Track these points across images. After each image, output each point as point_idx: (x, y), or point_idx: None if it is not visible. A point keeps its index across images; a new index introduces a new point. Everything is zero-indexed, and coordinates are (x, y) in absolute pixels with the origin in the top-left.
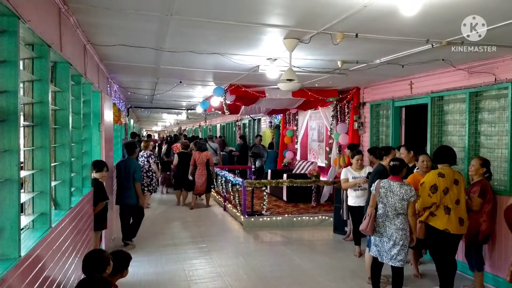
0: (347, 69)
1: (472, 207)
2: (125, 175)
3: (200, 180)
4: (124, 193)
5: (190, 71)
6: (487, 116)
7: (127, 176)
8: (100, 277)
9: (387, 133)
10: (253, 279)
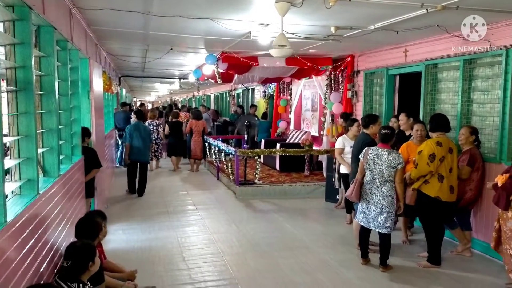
0: (341, 35)
1: (461, 175)
2: (145, 136)
3: (198, 147)
4: (145, 152)
5: (181, 38)
6: (480, 84)
7: (147, 138)
8: (84, 242)
9: (381, 102)
10: (244, 245)
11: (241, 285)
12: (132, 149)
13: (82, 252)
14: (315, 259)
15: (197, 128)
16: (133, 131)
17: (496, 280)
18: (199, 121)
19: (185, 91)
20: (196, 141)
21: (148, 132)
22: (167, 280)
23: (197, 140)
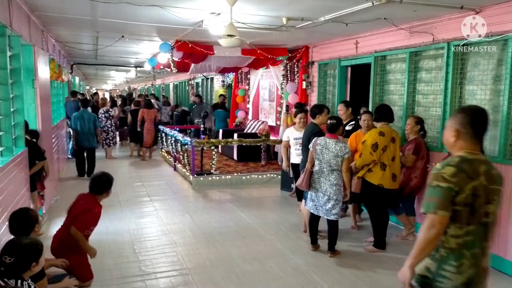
0: (293, 26)
1: (406, 163)
2: (90, 123)
3: (149, 135)
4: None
5: (132, 25)
6: (424, 75)
7: (91, 125)
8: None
9: (334, 92)
10: (198, 235)
11: (192, 276)
12: (77, 135)
13: (28, 251)
14: (266, 247)
15: (149, 117)
16: (77, 119)
17: None
18: (151, 110)
19: (143, 80)
20: (149, 129)
21: (92, 119)
22: (116, 273)
23: (149, 128)
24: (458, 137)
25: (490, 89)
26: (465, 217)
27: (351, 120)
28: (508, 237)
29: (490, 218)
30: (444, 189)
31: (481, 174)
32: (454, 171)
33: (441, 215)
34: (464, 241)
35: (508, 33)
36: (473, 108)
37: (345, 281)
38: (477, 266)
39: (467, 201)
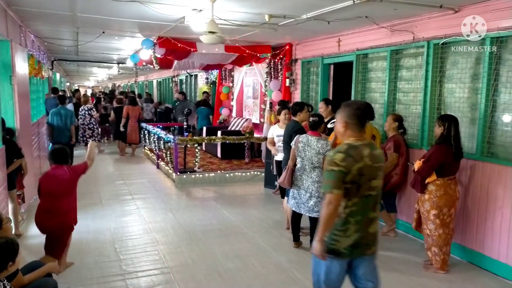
0: (276, 23)
1: (392, 162)
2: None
3: (134, 132)
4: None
5: (112, 21)
6: (405, 73)
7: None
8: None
9: (317, 90)
10: (180, 233)
11: (173, 274)
12: (54, 131)
13: (4, 250)
14: (249, 244)
15: (133, 114)
16: (54, 115)
17: (416, 258)
18: (135, 107)
19: (126, 76)
20: (133, 126)
21: (69, 115)
22: (97, 272)
23: (133, 125)
24: (347, 128)
25: (469, 87)
26: (353, 192)
27: (332, 118)
28: (485, 233)
29: (374, 191)
30: (337, 172)
31: (365, 157)
32: (343, 156)
33: (336, 193)
34: (350, 210)
35: (485, 32)
36: (358, 102)
37: None
38: (362, 231)
39: (354, 179)
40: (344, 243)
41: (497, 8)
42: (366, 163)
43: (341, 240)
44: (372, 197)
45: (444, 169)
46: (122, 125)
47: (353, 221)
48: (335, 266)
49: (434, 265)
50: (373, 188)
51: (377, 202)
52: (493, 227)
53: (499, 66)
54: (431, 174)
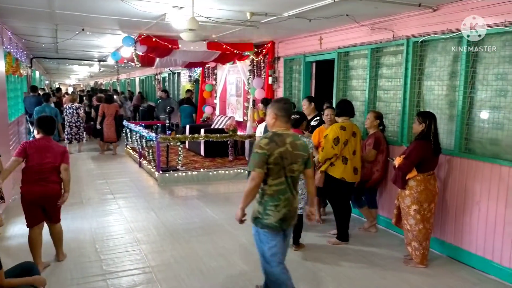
0: (258, 21)
1: (368, 158)
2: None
3: (110, 130)
4: None
5: (92, 18)
6: (385, 71)
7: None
8: None
9: (299, 88)
10: (162, 232)
11: (155, 274)
12: None
13: None
14: (232, 242)
15: (109, 112)
16: (39, 113)
17: (397, 254)
18: (111, 105)
19: (108, 74)
20: (109, 124)
21: (54, 113)
22: (77, 273)
23: (109, 123)
24: (276, 119)
25: (447, 84)
26: (276, 172)
27: (315, 116)
28: (463, 228)
29: (295, 173)
30: (260, 154)
31: (287, 143)
32: (267, 141)
33: (258, 171)
34: (278, 189)
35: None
36: (285, 99)
37: (309, 274)
38: (289, 206)
39: (276, 161)
40: (275, 217)
41: (474, 7)
42: (287, 148)
43: (273, 214)
44: (294, 177)
45: (424, 164)
46: (98, 123)
47: (283, 198)
48: (273, 237)
49: (414, 259)
50: (294, 171)
51: (297, 182)
52: (470, 222)
53: (476, 64)
54: (412, 169)
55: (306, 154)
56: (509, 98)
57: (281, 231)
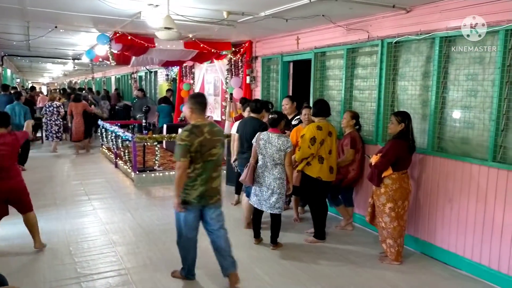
0: (235, 20)
1: (347, 158)
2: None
3: (79, 129)
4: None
5: (65, 15)
6: (361, 71)
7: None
8: None
9: (277, 87)
10: (138, 234)
11: (131, 275)
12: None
13: None
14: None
15: (77, 110)
16: (10, 111)
17: (372, 251)
18: (79, 103)
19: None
20: (78, 123)
21: (23, 111)
22: (50, 276)
23: (78, 122)
24: (192, 112)
25: (420, 84)
26: (198, 158)
27: (296, 115)
28: (436, 225)
29: (214, 157)
30: (183, 146)
31: (205, 133)
32: (187, 134)
33: (183, 161)
34: (198, 172)
35: (435, 32)
36: (201, 94)
37: (287, 273)
38: (206, 185)
39: (196, 150)
40: (193, 195)
41: (446, 9)
42: (206, 137)
43: (191, 193)
44: (213, 161)
45: (399, 163)
46: (69, 121)
47: (200, 179)
48: (190, 213)
49: (389, 256)
50: (214, 155)
51: (217, 165)
52: (443, 219)
53: (448, 64)
54: (388, 168)
55: (223, 138)
56: (479, 98)
57: (199, 207)
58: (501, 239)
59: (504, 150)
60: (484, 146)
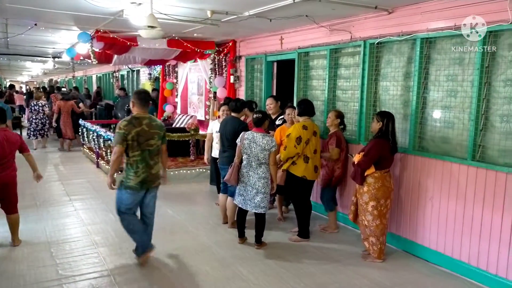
0: (219, 20)
1: (332, 157)
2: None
3: (67, 127)
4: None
5: (46, 12)
6: (344, 72)
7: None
8: None
9: (261, 87)
10: (121, 234)
11: (114, 276)
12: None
13: None
14: (194, 242)
15: (65, 109)
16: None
17: (356, 249)
18: (68, 102)
19: (63, 71)
20: (66, 121)
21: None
22: (30, 278)
23: (66, 120)
24: (134, 105)
25: (401, 85)
26: (135, 147)
27: (280, 115)
28: (417, 223)
29: (152, 147)
30: (120, 133)
31: (143, 124)
32: (126, 123)
33: (119, 147)
34: (137, 159)
35: (416, 33)
36: (144, 91)
37: (271, 272)
38: (147, 172)
39: (133, 138)
40: (135, 181)
41: (427, 11)
42: (143, 128)
43: (133, 179)
44: (150, 150)
45: (381, 162)
46: (54, 120)
47: (141, 166)
48: (131, 196)
49: (371, 254)
50: (151, 145)
51: (154, 154)
52: (424, 217)
53: (429, 65)
54: (370, 166)
55: (161, 132)
56: (458, 99)
57: (141, 191)
58: (480, 236)
59: (483, 149)
60: (464, 145)
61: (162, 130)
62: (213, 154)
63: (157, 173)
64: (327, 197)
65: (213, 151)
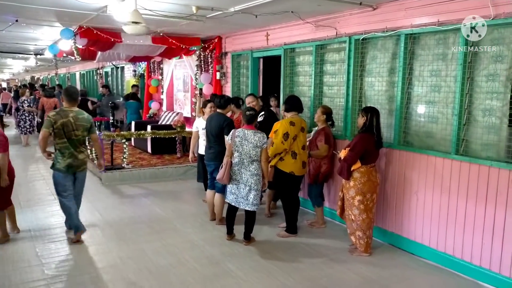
0: (204, 16)
1: (322, 153)
2: None
3: None
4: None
5: (27, 8)
6: (329, 68)
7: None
8: None
9: (247, 83)
10: (108, 233)
11: (102, 275)
12: None
13: None
14: (182, 240)
15: (48, 106)
16: None
17: (343, 244)
18: (50, 99)
19: (45, 69)
20: None
21: None
22: (16, 278)
23: None
24: (63, 100)
25: (386, 81)
26: (61, 135)
27: (260, 111)
28: (403, 217)
29: (77, 137)
30: (48, 120)
31: (69, 116)
32: (54, 114)
33: (44, 130)
34: (63, 146)
35: (400, 29)
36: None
37: (260, 267)
38: (73, 158)
39: (58, 127)
40: (62, 164)
41: (411, 7)
42: (69, 120)
43: (61, 162)
44: (76, 140)
45: (367, 156)
46: (38, 116)
47: (67, 152)
48: (63, 178)
49: (358, 248)
50: (77, 135)
51: (80, 144)
52: (409, 211)
53: (413, 61)
54: (356, 161)
55: (87, 124)
56: (442, 94)
57: (69, 175)
58: (464, 229)
59: (466, 143)
60: (447, 139)
61: (89, 122)
62: (200, 151)
63: (83, 159)
64: (315, 193)
65: (200, 148)
